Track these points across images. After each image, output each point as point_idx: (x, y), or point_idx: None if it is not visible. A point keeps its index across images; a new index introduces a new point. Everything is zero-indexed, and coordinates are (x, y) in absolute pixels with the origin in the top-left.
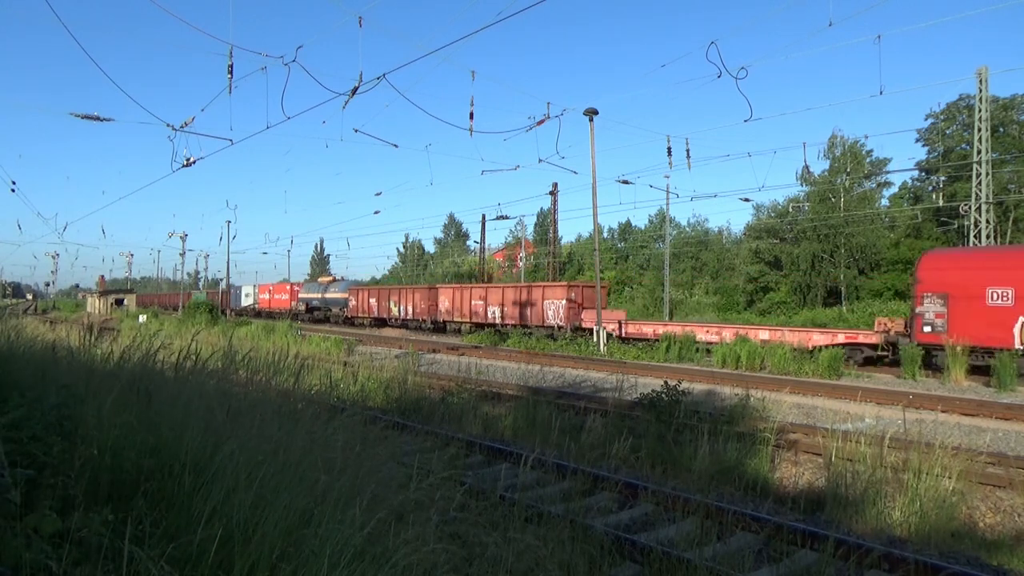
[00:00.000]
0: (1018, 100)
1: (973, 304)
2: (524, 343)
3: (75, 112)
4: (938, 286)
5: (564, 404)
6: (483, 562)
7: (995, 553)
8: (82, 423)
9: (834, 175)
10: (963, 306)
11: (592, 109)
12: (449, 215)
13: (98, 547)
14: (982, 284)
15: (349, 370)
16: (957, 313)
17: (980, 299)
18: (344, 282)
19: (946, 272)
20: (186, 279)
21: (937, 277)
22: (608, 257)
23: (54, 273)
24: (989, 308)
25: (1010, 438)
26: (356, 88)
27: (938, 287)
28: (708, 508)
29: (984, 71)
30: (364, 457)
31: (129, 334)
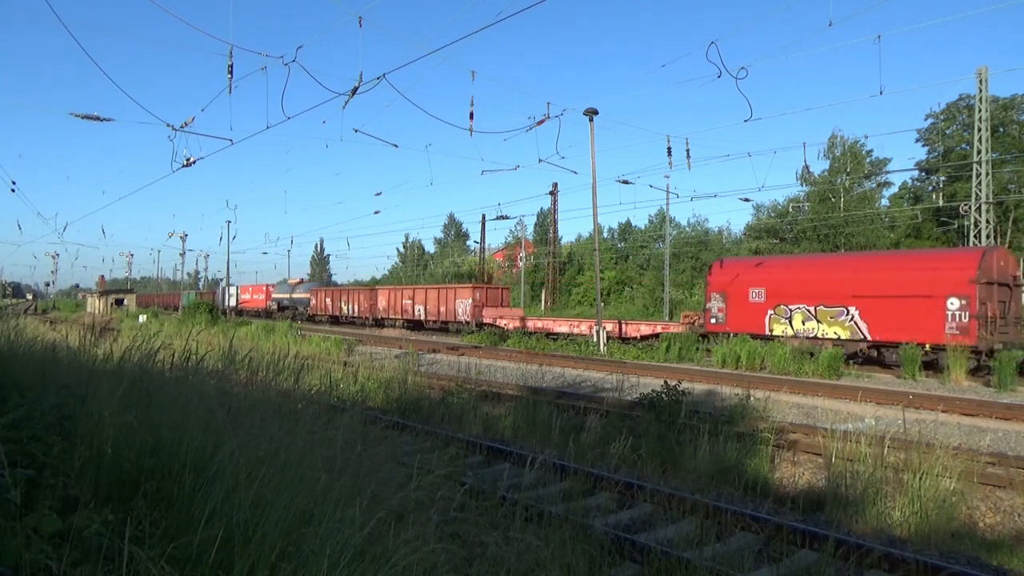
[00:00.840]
0: (1018, 100)
1: (742, 301)
2: (524, 343)
3: (75, 112)
4: (720, 287)
5: (564, 404)
6: (483, 562)
7: (995, 553)
8: (82, 423)
9: (834, 175)
10: (736, 303)
11: (592, 109)
12: (449, 215)
13: (98, 547)
14: (747, 285)
15: (349, 370)
16: (732, 308)
17: (746, 297)
18: (307, 284)
19: (726, 276)
20: (186, 279)
21: (720, 280)
22: (608, 257)
23: (54, 273)
24: (751, 304)
25: (1010, 438)
26: (356, 88)
27: (720, 288)
28: (708, 508)
29: (984, 71)
30: (364, 457)
31: (129, 334)
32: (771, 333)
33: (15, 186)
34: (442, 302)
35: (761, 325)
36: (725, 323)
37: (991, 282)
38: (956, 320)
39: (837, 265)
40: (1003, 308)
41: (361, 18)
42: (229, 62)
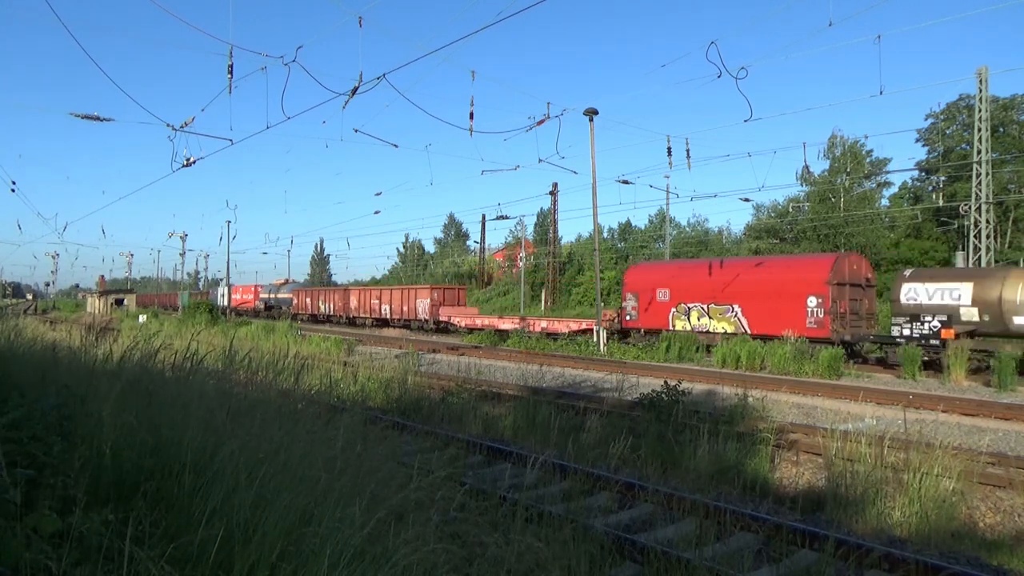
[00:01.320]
0: (1018, 100)
1: (651, 300)
2: (524, 343)
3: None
4: (634, 288)
5: (564, 404)
6: (483, 562)
7: (995, 553)
8: (82, 423)
9: (834, 175)
10: (646, 302)
11: (592, 109)
12: (449, 215)
13: (98, 547)
14: (655, 287)
15: (349, 370)
16: (643, 306)
17: (654, 297)
18: (290, 285)
19: (639, 278)
20: (186, 279)
21: (634, 282)
22: (608, 257)
23: (54, 273)
24: (658, 303)
25: (1010, 438)
26: (356, 88)
27: (634, 288)
28: (708, 508)
29: (984, 71)
30: (364, 457)
31: (129, 334)
32: (673, 328)
33: (15, 186)
34: (404, 302)
35: (666, 321)
36: (638, 320)
37: (843, 283)
38: (814, 316)
39: (725, 269)
40: (855, 305)
41: (361, 18)
42: (229, 62)
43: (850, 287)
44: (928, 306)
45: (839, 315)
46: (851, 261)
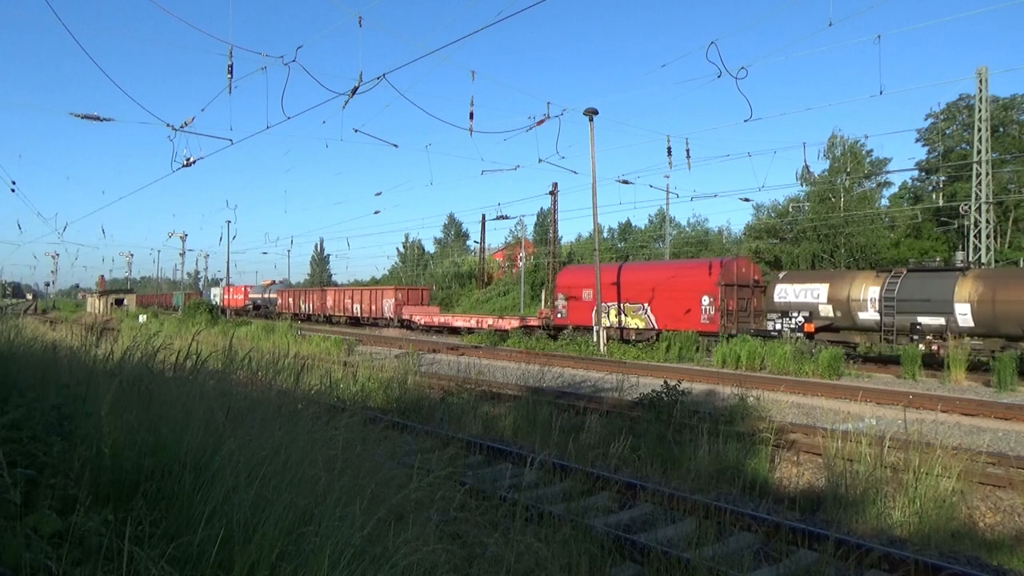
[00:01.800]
0: (1018, 100)
1: (578, 300)
2: (524, 343)
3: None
4: (564, 289)
5: (564, 404)
6: (483, 562)
7: (995, 553)
8: (82, 423)
9: (834, 175)
10: (574, 301)
11: (592, 109)
12: (449, 215)
13: (98, 547)
14: (581, 288)
15: (349, 370)
16: (572, 305)
17: (581, 297)
18: (276, 286)
19: (568, 280)
20: (186, 279)
21: (564, 283)
22: (608, 257)
23: (54, 273)
24: (584, 302)
25: (1010, 438)
26: (356, 88)
27: (564, 290)
28: (708, 508)
29: (984, 71)
30: (364, 457)
31: (129, 334)
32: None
33: (15, 186)
34: (372, 302)
35: (590, 319)
36: (567, 317)
37: (731, 284)
38: (707, 313)
39: (638, 272)
40: (743, 303)
41: (361, 18)
42: (229, 62)
43: (738, 287)
44: (795, 303)
45: (728, 312)
46: (739, 265)
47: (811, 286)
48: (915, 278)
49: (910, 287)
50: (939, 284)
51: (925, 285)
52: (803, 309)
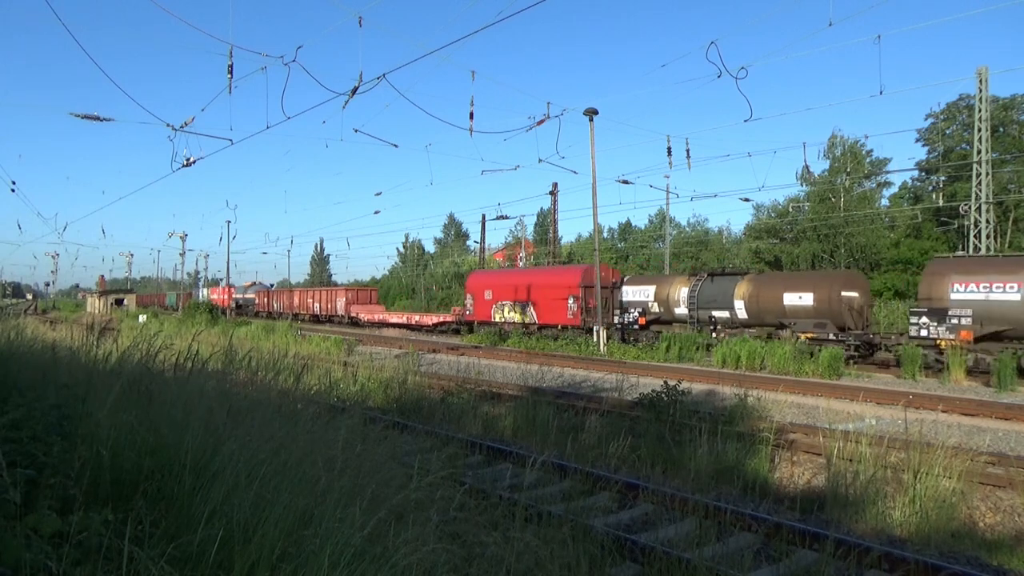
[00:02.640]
0: (1018, 100)
1: (481, 299)
2: (524, 343)
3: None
4: (471, 290)
5: (564, 404)
6: (483, 562)
7: (995, 553)
8: (82, 423)
9: (834, 175)
10: (478, 300)
11: (592, 109)
12: (449, 215)
13: (98, 547)
14: (484, 288)
15: (349, 370)
16: (476, 304)
17: (483, 296)
18: (255, 287)
19: (474, 282)
20: (186, 279)
21: (471, 284)
22: (608, 257)
23: (54, 273)
24: (485, 301)
25: (1010, 438)
26: (356, 88)
27: (471, 290)
28: (708, 508)
29: (984, 71)
30: (364, 457)
31: (129, 334)
32: (494, 320)
33: (15, 186)
34: (328, 301)
35: (489, 315)
36: (473, 314)
37: (591, 286)
38: (571, 310)
39: (524, 276)
40: (603, 302)
41: (361, 18)
42: (229, 62)
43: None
44: (634, 301)
45: (587, 309)
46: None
47: (644, 287)
48: (711, 281)
49: (708, 288)
50: (726, 285)
51: (717, 286)
52: (639, 306)
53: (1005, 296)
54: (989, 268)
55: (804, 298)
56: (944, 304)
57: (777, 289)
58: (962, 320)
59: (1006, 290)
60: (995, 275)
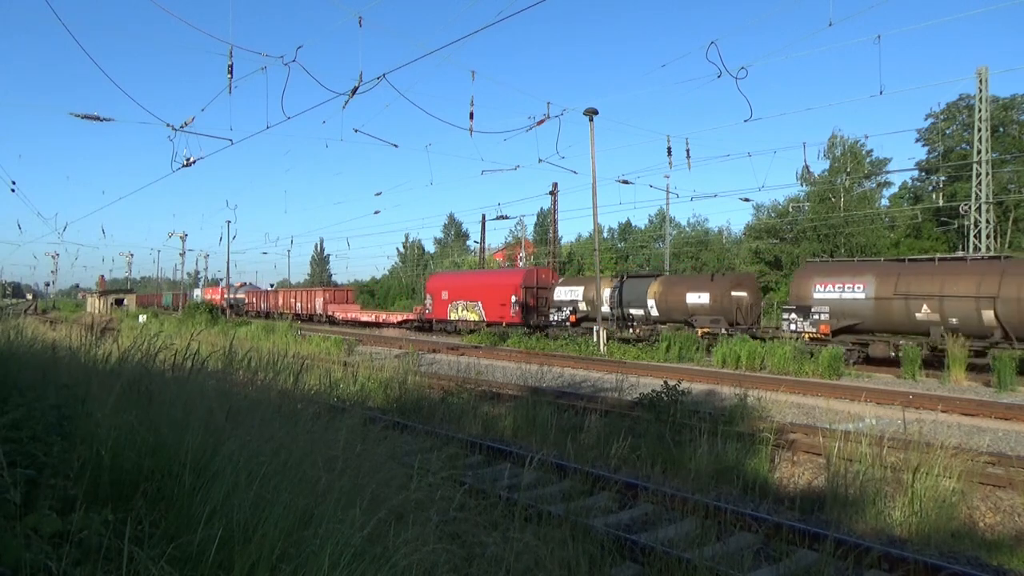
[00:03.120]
0: (1018, 100)
1: (439, 299)
2: (524, 343)
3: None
4: (430, 291)
5: (564, 404)
6: (483, 562)
7: (995, 553)
8: (82, 423)
9: (834, 175)
10: (436, 300)
11: (592, 109)
12: (449, 215)
13: (98, 547)
14: (441, 289)
15: (349, 370)
16: (435, 304)
17: (440, 296)
18: (245, 287)
19: (434, 283)
20: (186, 279)
21: (431, 286)
22: (608, 257)
23: (54, 273)
24: (443, 300)
25: (1010, 438)
26: (356, 88)
27: (430, 291)
28: (708, 508)
29: (984, 71)
30: (364, 457)
31: (129, 334)
32: (450, 318)
33: (15, 186)
34: (308, 301)
35: (446, 314)
36: (432, 313)
37: (531, 287)
38: (514, 309)
39: (475, 277)
40: (541, 302)
41: (361, 18)
42: (229, 62)
43: (538, 289)
44: (565, 301)
45: (527, 307)
46: (539, 272)
47: (574, 288)
48: (630, 282)
49: (627, 288)
50: (642, 286)
51: (635, 287)
52: (570, 305)
53: (854, 295)
54: (843, 271)
55: (703, 297)
56: (808, 302)
57: (681, 290)
58: (821, 316)
59: (855, 290)
60: (847, 277)
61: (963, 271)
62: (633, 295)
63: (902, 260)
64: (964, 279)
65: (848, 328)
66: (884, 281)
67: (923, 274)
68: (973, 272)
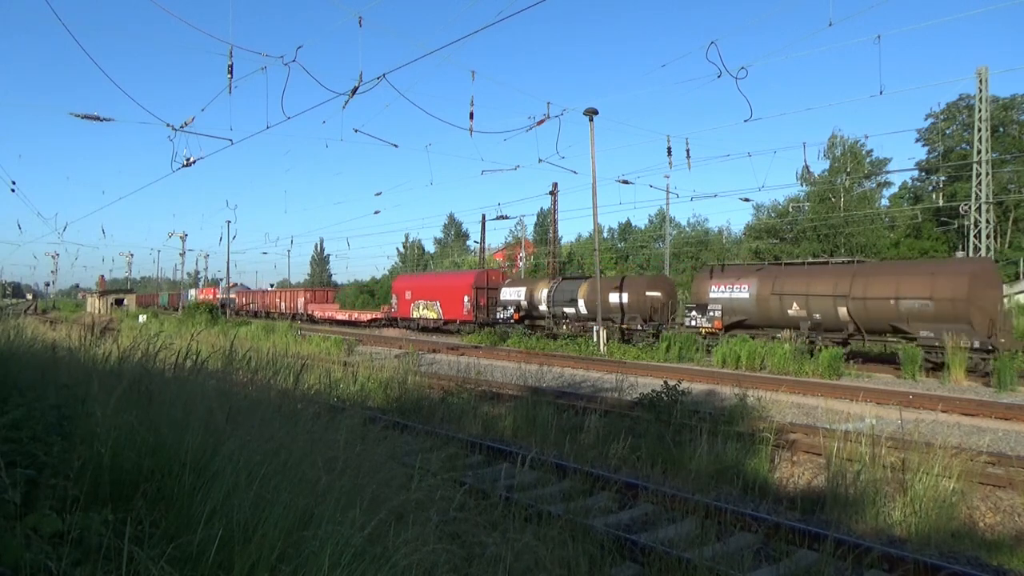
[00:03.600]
0: (1018, 100)
1: (403, 299)
2: (524, 343)
3: (75, 112)
4: (396, 291)
5: (564, 404)
6: (482, 562)
7: (995, 553)
8: (82, 423)
9: (834, 175)
10: (401, 300)
11: (592, 109)
12: (449, 215)
13: (98, 547)
14: (405, 290)
15: (349, 370)
16: (399, 303)
17: (404, 296)
18: (236, 288)
19: (399, 284)
20: (186, 279)
21: (396, 287)
22: (608, 257)
23: (54, 273)
24: (406, 300)
25: (1010, 438)
26: (356, 88)
27: (396, 292)
28: (708, 508)
29: (984, 71)
30: (364, 457)
31: (129, 334)
32: (412, 316)
33: (15, 186)
34: (291, 300)
35: (409, 312)
36: (398, 312)
37: (482, 288)
38: (467, 308)
39: (434, 278)
40: (491, 302)
41: (361, 18)
42: (229, 62)
43: (488, 290)
44: (509, 300)
45: (478, 306)
46: (489, 274)
47: (518, 288)
48: (564, 283)
49: (561, 289)
50: (573, 287)
51: (567, 288)
52: (513, 304)
53: (741, 295)
54: (732, 274)
55: (623, 297)
56: (705, 301)
57: (604, 290)
58: (715, 313)
59: (741, 290)
60: (735, 279)
61: (824, 273)
62: (566, 296)
63: (780, 264)
64: (824, 280)
65: (737, 324)
66: (764, 282)
67: (794, 276)
68: (832, 274)
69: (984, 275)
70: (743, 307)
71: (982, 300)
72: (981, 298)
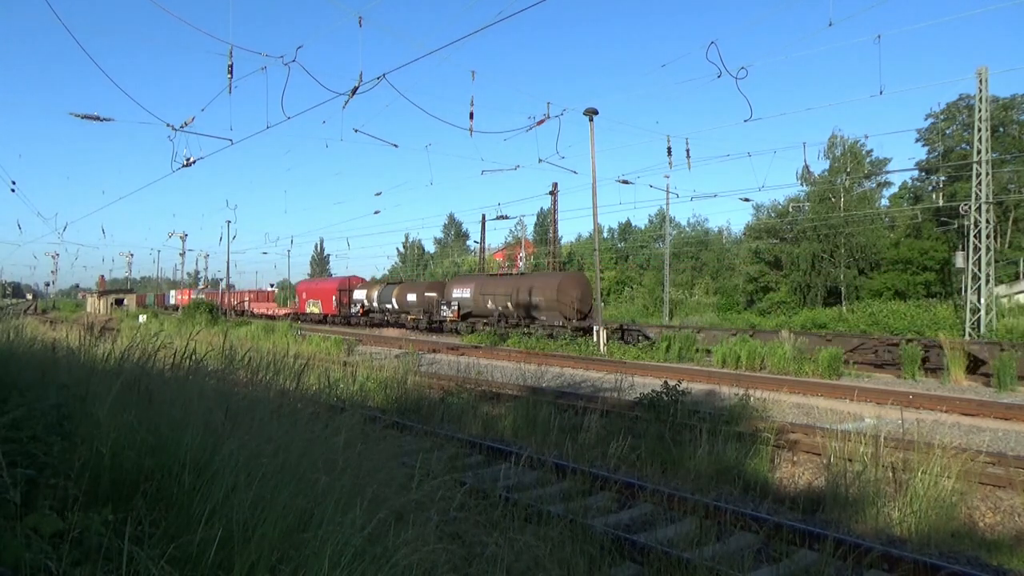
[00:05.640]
0: (1018, 100)
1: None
2: (524, 343)
3: (75, 112)
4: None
5: (564, 404)
6: (482, 561)
7: (995, 553)
8: (82, 423)
9: (834, 175)
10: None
11: (592, 109)
12: (449, 215)
13: (98, 547)
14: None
15: (348, 370)
16: (300, 302)
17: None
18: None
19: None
20: (186, 279)
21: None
22: (608, 257)
23: (54, 273)
24: (304, 299)
25: (1010, 438)
26: (356, 88)
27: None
28: (708, 508)
29: (984, 71)
30: (365, 457)
31: (129, 334)
32: (308, 312)
33: (15, 186)
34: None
35: (305, 308)
36: (299, 308)
37: (344, 290)
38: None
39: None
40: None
41: (361, 18)
42: (229, 62)
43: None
44: (357, 299)
45: (342, 304)
46: (351, 280)
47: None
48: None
49: (382, 292)
50: (388, 290)
51: (385, 291)
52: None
53: (466, 295)
54: (463, 282)
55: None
56: (451, 299)
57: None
58: (454, 306)
59: (465, 292)
60: (464, 285)
61: (506, 281)
62: (385, 297)
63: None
64: (504, 284)
65: (467, 315)
66: (477, 287)
67: (494, 282)
68: (510, 281)
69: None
70: (467, 303)
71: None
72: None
